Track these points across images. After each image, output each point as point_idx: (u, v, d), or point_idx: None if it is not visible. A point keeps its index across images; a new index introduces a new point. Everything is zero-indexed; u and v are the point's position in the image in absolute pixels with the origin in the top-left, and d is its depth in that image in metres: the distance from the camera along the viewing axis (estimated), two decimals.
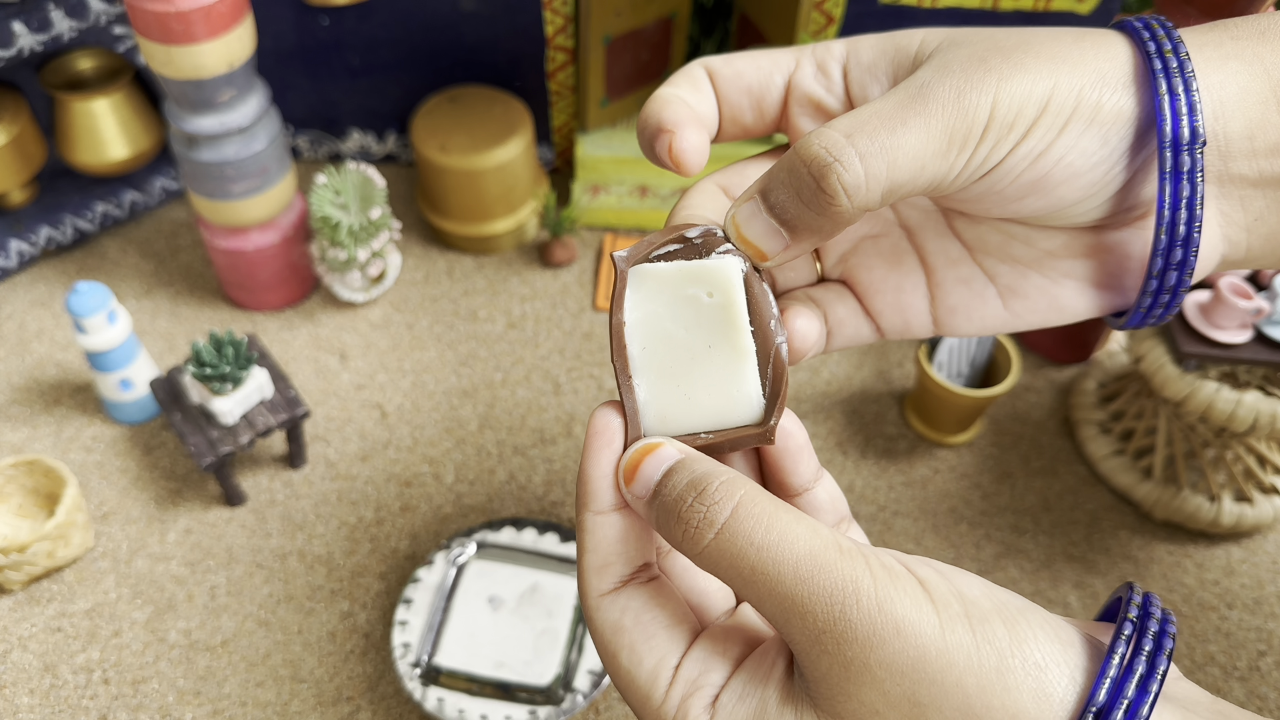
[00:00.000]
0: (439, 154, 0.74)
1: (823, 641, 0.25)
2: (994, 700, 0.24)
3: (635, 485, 0.29)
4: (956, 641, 0.24)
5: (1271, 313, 0.59)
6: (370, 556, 0.63)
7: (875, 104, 0.28)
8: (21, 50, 0.68)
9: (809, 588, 0.25)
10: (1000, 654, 0.24)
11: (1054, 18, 0.68)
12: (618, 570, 0.30)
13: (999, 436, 0.70)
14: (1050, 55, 0.28)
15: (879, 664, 0.24)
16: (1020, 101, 0.28)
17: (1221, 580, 0.63)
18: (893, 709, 0.25)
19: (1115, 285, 0.33)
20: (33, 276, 0.78)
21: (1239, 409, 0.58)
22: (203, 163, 0.66)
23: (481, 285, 0.78)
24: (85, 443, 0.68)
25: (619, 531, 0.30)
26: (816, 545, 0.26)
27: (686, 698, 0.27)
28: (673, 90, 0.33)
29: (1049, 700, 0.24)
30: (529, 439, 0.69)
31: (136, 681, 0.57)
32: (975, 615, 0.25)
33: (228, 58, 0.61)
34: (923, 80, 0.28)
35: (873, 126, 0.27)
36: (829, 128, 0.28)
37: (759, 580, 0.26)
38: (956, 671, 0.24)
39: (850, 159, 0.27)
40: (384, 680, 0.58)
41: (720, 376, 0.30)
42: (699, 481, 0.27)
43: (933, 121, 0.27)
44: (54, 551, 0.60)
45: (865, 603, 0.25)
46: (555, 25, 0.75)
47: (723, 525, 0.26)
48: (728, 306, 0.29)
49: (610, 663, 0.29)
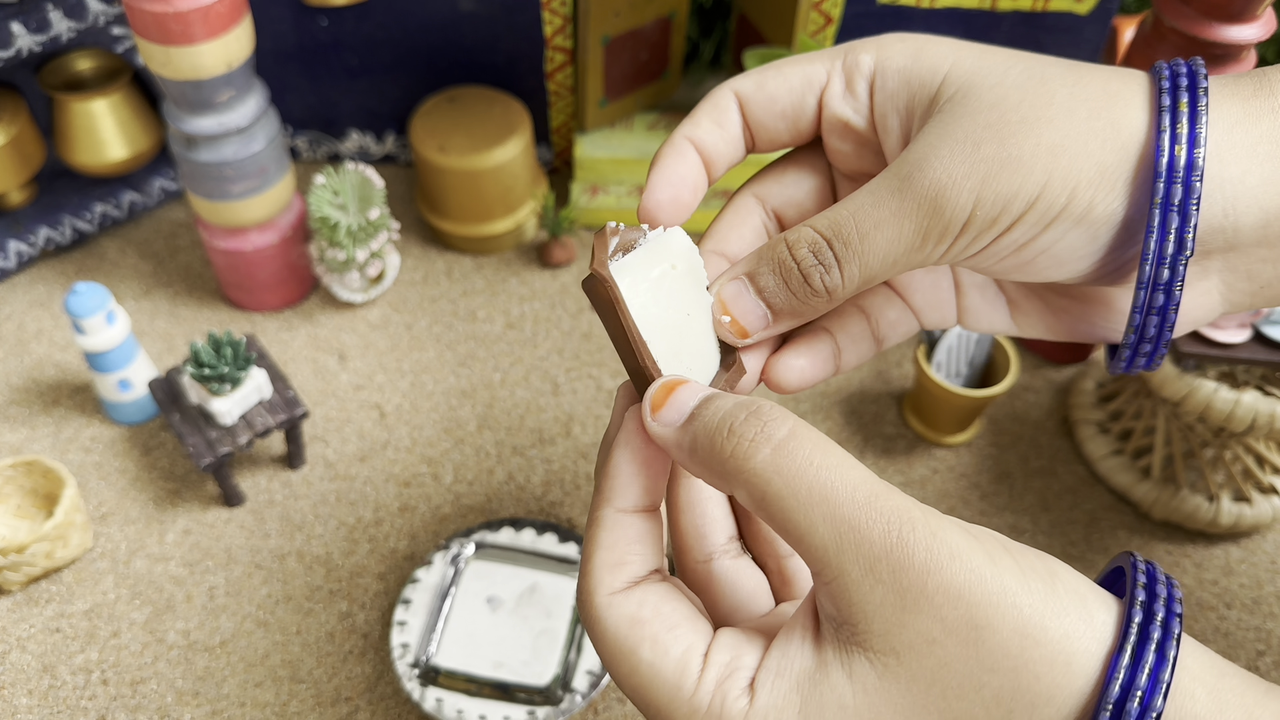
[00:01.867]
0: (438, 154, 0.74)
1: (878, 570, 0.25)
2: (1047, 620, 0.24)
3: (666, 411, 0.28)
4: (1006, 566, 0.25)
5: (1269, 313, 0.59)
6: (369, 557, 0.63)
7: (857, 199, 0.30)
8: (20, 51, 0.68)
9: (866, 512, 0.25)
10: (1045, 581, 0.25)
11: (1052, 18, 0.68)
12: (633, 570, 0.29)
13: (997, 436, 0.70)
14: (1051, 144, 0.28)
15: (937, 589, 0.24)
16: (1006, 199, 0.28)
17: (1220, 580, 0.63)
18: (951, 635, 0.24)
19: (1107, 322, 0.34)
20: (31, 277, 0.78)
21: (1237, 409, 0.58)
22: (201, 163, 0.66)
23: (480, 286, 0.78)
24: (84, 443, 0.68)
25: (637, 532, 0.29)
26: (869, 477, 0.26)
27: (723, 681, 0.26)
28: (687, 131, 0.33)
29: (1092, 623, 0.25)
30: (528, 439, 0.69)
31: (135, 682, 0.57)
32: (1014, 550, 0.26)
33: (226, 58, 0.61)
34: (908, 168, 0.29)
35: (848, 230, 0.29)
36: (813, 228, 0.30)
37: (816, 501, 0.25)
38: (1011, 594, 0.24)
39: (830, 264, 0.29)
40: (383, 680, 0.58)
41: (702, 340, 0.31)
42: (750, 404, 0.27)
43: (905, 222, 0.29)
44: (52, 552, 0.60)
45: (920, 530, 0.25)
46: (554, 25, 0.75)
47: (780, 440, 0.26)
48: (691, 270, 0.31)
49: (629, 659, 0.27)
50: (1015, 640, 0.24)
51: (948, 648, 0.24)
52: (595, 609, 0.28)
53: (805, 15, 0.69)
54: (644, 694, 0.27)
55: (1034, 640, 0.24)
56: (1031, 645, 0.24)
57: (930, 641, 0.24)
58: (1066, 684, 0.24)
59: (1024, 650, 0.24)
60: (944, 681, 0.24)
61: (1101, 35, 0.69)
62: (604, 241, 0.30)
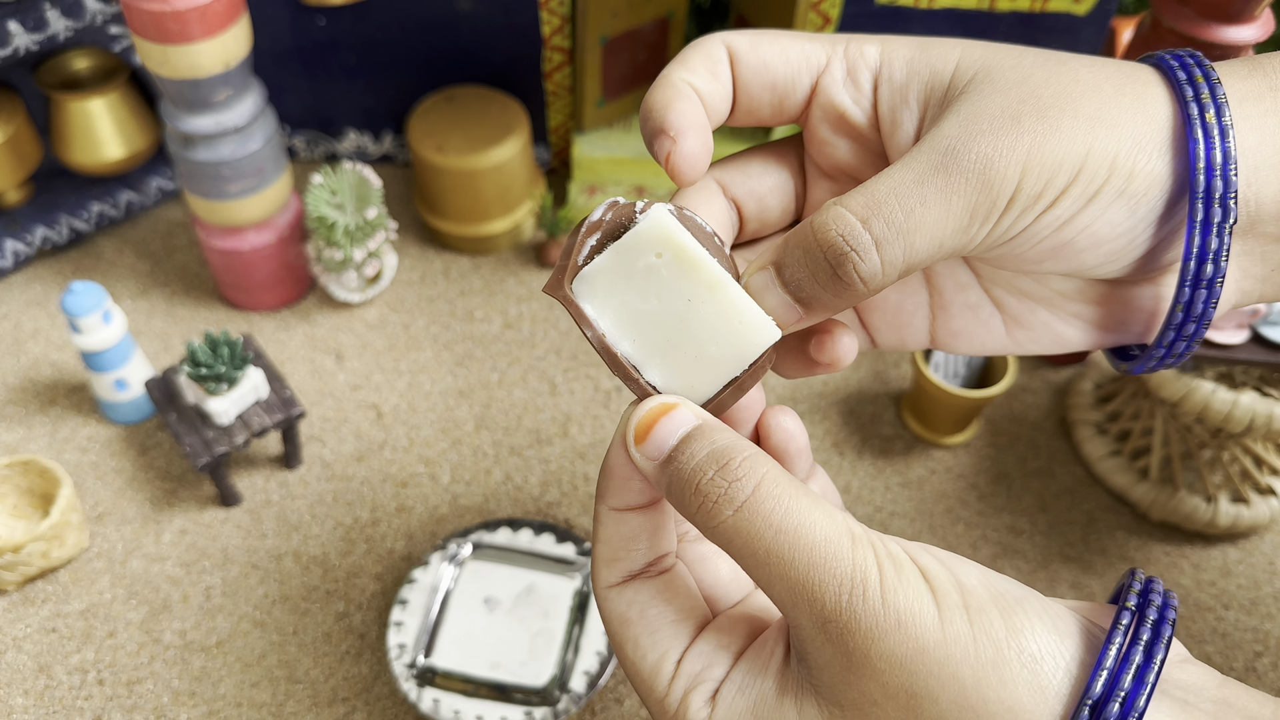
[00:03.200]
0: (435, 154, 0.74)
1: (828, 630, 0.25)
2: (989, 692, 0.24)
3: (647, 447, 0.28)
4: (954, 634, 0.25)
5: (1268, 313, 0.59)
6: (366, 557, 0.62)
7: (894, 175, 0.27)
8: (17, 50, 0.68)
9: (820, 575, 0.25)
10: (996, 645, 0.25)
11: (1050, 19, 0.69)
12: (626, 566, 0.30)
13: (995, 437, 0.70)
14: (1089, 115, 0.27)
15: (879, 656, 0.25)
16: (1052, 169, 0.27)
17: (1218, 581, 0.63)
18: (890, 700, 0.25)
19: (1121, 328, 0.33)
20: (28, 276, 0.78)
21: (1235, 409, 0.58)
22: (199, 162, 0.66)
23: (478, 286, 0.78)
24: (80, 443, 0.68)
25: (632, 530, 0.30)
26: (832, 532, 0.25)
27: (688, 692, 0.28)
28: (685, 76, 0.30)
29: (1044, 692, 0.24)
30: (525, 439, 0.68)
31: (131, 682, 0.57)
32: (973, 606, 0.25)
33: (224, 57, 0.61)
34: (948, 142, 0.27)
35: (890, 208, 0.26)
36: (845, 208, 0.27)
37: (772, 563, 0.26)
38: (953, 664, 0.24)
39: (867, 248, 0.26)
40: (379, 681, 0.57)
41: (715, 319, 0.29)
42: (721, 455, 0.27)
43: (954, 198, 0.26)
44: (48, 552, 0.59)
45: (871, 595, 0.25)
46: (552, 25, 0.75)
47: (742, 504, 0.26)
48: (680, 254, 0.28)
49: (618, 653, 0.30)
50: (954, 710, 0.24)
51: (888, 711, 0.25)
52: (598, 599, 0.30)
53: (803, 15, 0.69)
54: (631, 680, 0.30)
55: (974, 712, 0.24)
56: (972, 718, 0.24)
57: (873, 703, 0.25)
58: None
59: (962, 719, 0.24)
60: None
61: (1100, 36, 0.69)
62: (576, 244, 0.29)
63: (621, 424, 0.29)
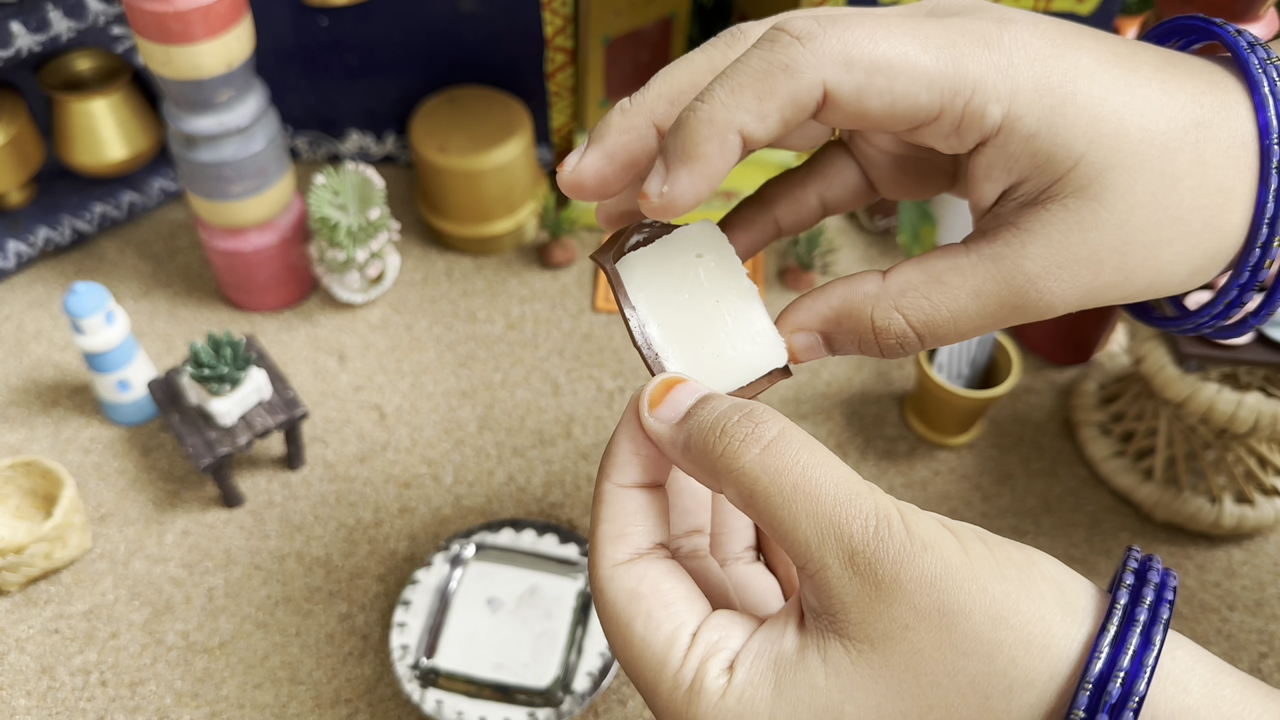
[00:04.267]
0: (438, 155, 0.74)
1: (856, 561, 0.25)
2: (1020, 604, 0.25)
3: (663, 409, 0.29)
4: (977, 555, 0.26)
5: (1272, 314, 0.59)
6: (369, 558, 0.62)
7: (956, 296, 0.29)
8: (20, 50, 0.68)
9: (847, 509, 0.26)
10: (1019, 568, 0.26)
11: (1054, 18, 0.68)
12: (635, 542, 0.29)
13: (999, 438, 0.69)
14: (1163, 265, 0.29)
15: (909, 577, 0.25)
16: (1101, 302, 0.29)
17: (1223, 582, 0.63)
18: (923, 621, 0.25)
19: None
20: (30, 277, 0.78)
21: (1240, 410, 0.58)
22: (201, 163, 0.66)
23: (480, 286, 0.78)
24: (83, 444, 0.68)
25: (639, 505, 0.30)
26: (850, 477, 0.26)
27: (706, 659, 0.27)
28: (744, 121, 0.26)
29: (1071, 607, 0.25)
30: (528, 440, 0.68)
31: (134, 683, 0.57)
32: (989, 540, 0.26)
33: (226, 58, 0.61)
34: (1024, 279, 0.28)
35: (945, 331, 0.29)
36: (906, 321, 0.29)
37: (799, 499, 0.26)
38: (981, 580, 0.25)
39: (914, 347, 0.30)
40: (382, 682, 0.57)
41: (736, 327, 0.31)
42: (743, 406, 0.28)
43: (998, 319, 0.29)
44: (51, 553, 0.59)
45: (895, 526, 0.25)
46: (554, 26, 0.75)
47: (770, 441, 0.27)
48: (721, 260, 0.31)
49: (623, 632, 0.28)
50: (988, 625, 0.24)
51: (921, 634, 0.25)
52: (599, 580, 0.29)
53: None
54: (635, 666, 0.28)
55: (1007, 624, 0.24)
56: (1005, 629, 0.24)
57: (904, 628, 0.25)
58: (1044, 667, 0.24)
59: (997, 635, 0.24)
60: (918, 668, 0.25)
61: None
62: (627, 231, 0.31)
63: (631, 402, 0.30)
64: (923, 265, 0.29)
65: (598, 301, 0.77)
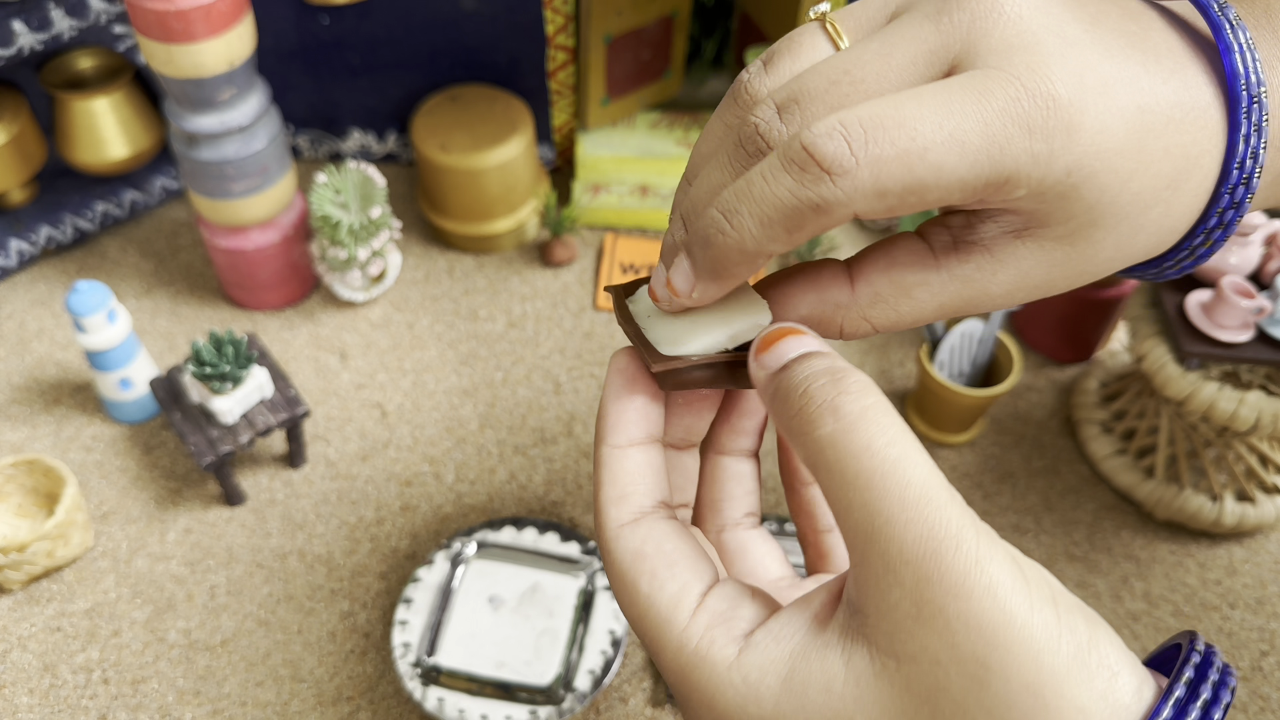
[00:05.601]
0: (439, 153, 0.74)
1: (900, 572, 0.24)
2: (1065, 687, 0.23)
3: (767, 356, 0.28)
4: (1042, 620, 0.23)
5: (1273, 312, 0.59)
6: (370, 556, 0.62)
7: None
8: (21, 49, 0.68)
9: (910, 514, 0.24)
10: (1079, 646, 0.24)
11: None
12: (637, 501, 0.29)
13: (1000, 436, 0.70)
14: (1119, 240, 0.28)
15: (957, 614, 0.23)
16: None
17: (1224, 580, 0.63)
18: (957, 664, 0.23)
19: None
20: (33, 276, 0.78)
21: (1241, 408, 0.58)
22: (203, 162, 0.66)
23: (482, 285, 0.78)
24: (85, 442, 0.68)
25: (637, 465, 0.30)
26: (931, 479, 0.24)
27: (712, 627, 0.26)
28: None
29: (1117, 705, 0.23)
30: (529, 438, 0.68)
31: (136, 681, 0.57)
32: (1061, 604, 0.24)
33: (228, 56, 0.61)
34: None
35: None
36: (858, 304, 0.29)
37: (860, 486, 0.24)
38: (1036, 647, 0.23)
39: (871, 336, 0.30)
40: (384, 680, 0.57)
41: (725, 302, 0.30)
42: (837, 371, 0.26)
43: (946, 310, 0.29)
44: (53, 551, 0.59)
45: (965, 552, 0.23)
46: (556, 24, 0.75)
47: (851, 417, 0.25)
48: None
49: (629, 591, 0.28)
50: (1025, 695, 0.23)
51: (950, 675, 0.23)
52: (605, 541, 0.29)
53: (806, 14, 0.69)
54: (640, 623, 0.28)
55: (1044, 704, 0.23)
56: (1041, 708, 0.23)
57: (934, 662, 0.24)
58: None
59: (1032, 710, 0.23)
60: (937, 705, 0.24)
61: None
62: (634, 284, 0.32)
63: (612, 364, 0.31)
64: (891, 276, 0.28)
65: (599, 300, 0.77)
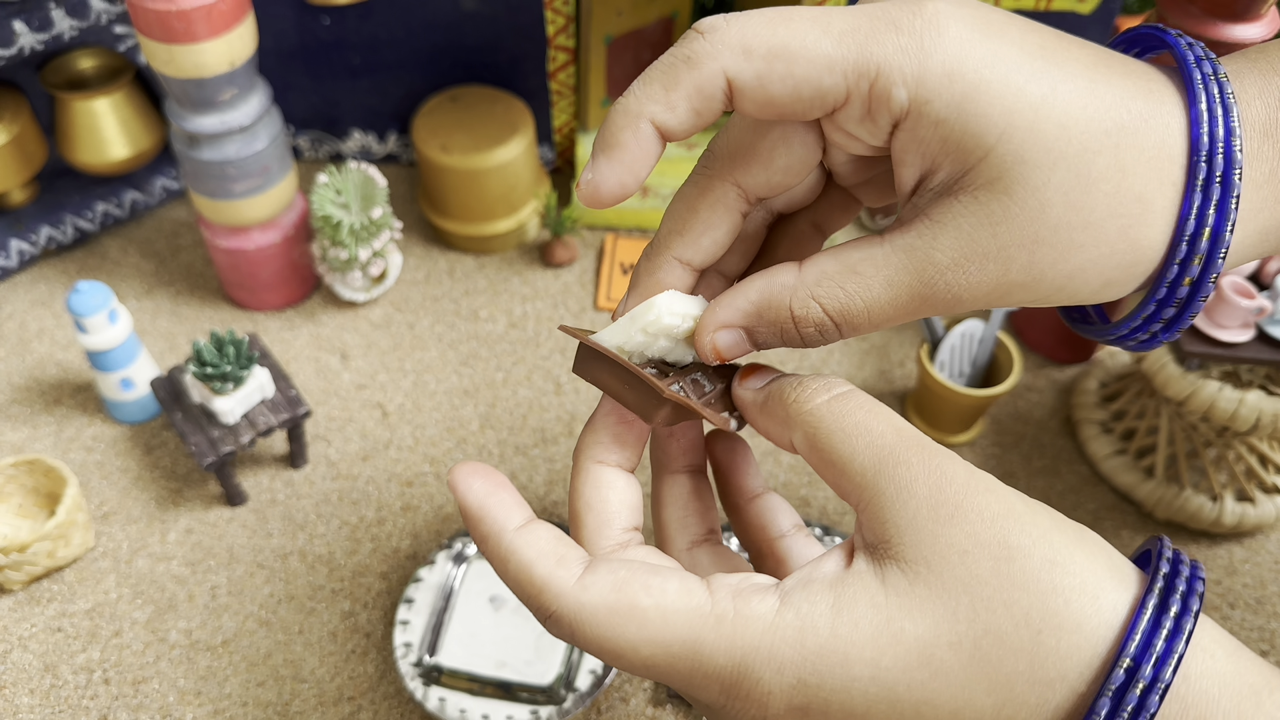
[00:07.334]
0: (440, 154, 0.74)
1: (914, 487, 0.27)
2: (1078, 556, 0.26)
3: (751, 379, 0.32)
4: (1040, 510, 0.27)
5: (1274, 312, 0.59)
6: (371, 556, 0.63)
7: (870, 287, 0.29)
8: (22, 49, 0.68)
9: (908, 444, 0.27)
10: (1075, 529, 0.27)
11: (1055, 18, 0.68)
12: (578, 557, 0.29)
13: (1000, 436, 0.70)
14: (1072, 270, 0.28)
15: (972, 508, 0.26)
16: (1011, 304, 0.30)
17: (1224, 580, 0.63)
18: (982, 549, 0.26)
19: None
20: (33, 276, 0.78)
21: (1241, 408, 0.58)
22: (204, 162, 0.66)
23: (483, 285, 0.78)
24: (86, 442, 0.68)
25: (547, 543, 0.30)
26: (914, 430, 0.29)
27: (738, 594, 0.27)
28: (654, 111, 0.27)
29: (1121, 571, 0.26)
30: (530, 439, 0.68)
31: (137, 681, 0.57)
32: (1047, 507, 0.28)
33: (229, 57, 0.61)
34: (933, 271, 0.28)
35: (859, 321, 0.29)
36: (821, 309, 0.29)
37: (860, 433, 0.28)
38: (1044, 526, 0.26)
39: (833, 336, 0.30)
40: (385, 680, 0.57)
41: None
42: (820, 374, 0.31)
43: (911, 312, 0.29)
44: (54, 551, 0.59)
45: (960, 467, 0.27)
46: (556, 25, 0.75)
47: (839, 393, 0.29)
48: (677, 340, 0.32)
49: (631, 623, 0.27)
50: (1045, 567, 0.25)
51: (979, 561, 0.26)
52: (567, 610, 0.28)
53: None
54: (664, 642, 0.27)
55: (1064, 569, 0.25)
56: (1061, 573, 0.25)
57: (962, 553, 0.26)
58: (1094, 614, 0.25)
59: (1054, 577, 0.25)
60: (974, 593, 0.25)
61: (1104, 35, 0.69)
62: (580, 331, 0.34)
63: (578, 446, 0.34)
64: (838, 256, 0.29)
65: (600, 300, 0.77)
